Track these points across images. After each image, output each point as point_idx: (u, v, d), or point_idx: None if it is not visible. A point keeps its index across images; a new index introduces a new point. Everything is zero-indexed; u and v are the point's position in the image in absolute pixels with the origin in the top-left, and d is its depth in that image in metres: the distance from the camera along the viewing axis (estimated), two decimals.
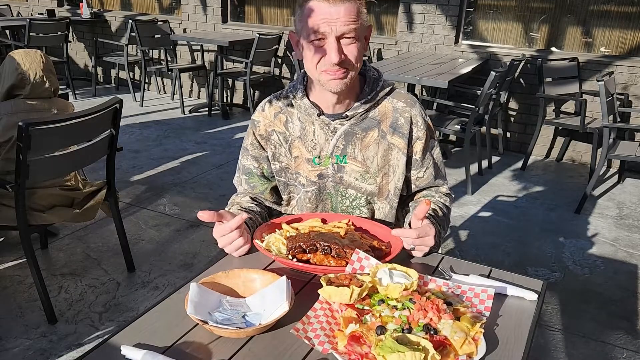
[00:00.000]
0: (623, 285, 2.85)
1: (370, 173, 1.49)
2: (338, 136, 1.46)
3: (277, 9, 6.12)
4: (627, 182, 4.39)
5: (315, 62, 1.33)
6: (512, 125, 5.07)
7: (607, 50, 4.71)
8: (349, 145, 1.46)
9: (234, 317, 1.06)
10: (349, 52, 1.31)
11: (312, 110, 1.45)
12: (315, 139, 1.47)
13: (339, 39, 1.29)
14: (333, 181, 1.51)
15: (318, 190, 1.52)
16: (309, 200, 1.54)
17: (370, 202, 1.54)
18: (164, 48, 6.21)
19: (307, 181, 1.51)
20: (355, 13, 1.29)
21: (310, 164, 1.49)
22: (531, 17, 4.88)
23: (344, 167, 1.48)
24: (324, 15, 1.27)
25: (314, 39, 1.30)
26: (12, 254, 2.87)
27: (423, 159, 1.52)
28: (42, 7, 7.30)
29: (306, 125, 1.48)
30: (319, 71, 1.34)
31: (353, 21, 1.29)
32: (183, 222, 3.36)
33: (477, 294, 1.13)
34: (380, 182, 1.50)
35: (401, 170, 1.50)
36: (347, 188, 1.51)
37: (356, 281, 1.10)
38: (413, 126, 1.48)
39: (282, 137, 1.51)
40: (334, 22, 1.27)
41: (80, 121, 2.21)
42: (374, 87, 1.46)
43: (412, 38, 5.23)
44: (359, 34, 1.31)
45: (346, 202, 1.53)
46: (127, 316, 2.42)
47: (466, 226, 3.47)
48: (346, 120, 1.45)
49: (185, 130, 5.34)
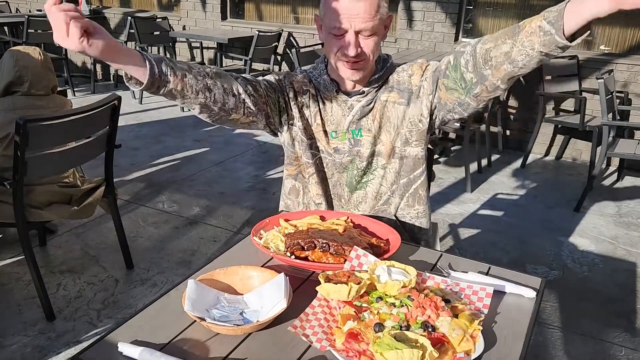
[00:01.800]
0: (622, 283, 2.85)
1: (377, 134, 1.53)
2: (354, 112, 1.52)
3: (276, 6, 6.10)
4: (626, 180, 4.39)
5: (334, 51, 1.40)
6: (511, 123, 5.07)
7: (607, 48, 4.70)
8: (363, 119, 1.52)
9: (232, 314, 1.06)
10: (366, 45, 1.39)
11: (331, 87, 1.52)
12: (333, 114, 1.53)
13: (357, 33, 1.36)
14: (349, 155, 1.55)
15: (334, 162, 1.57)
16: (326, 166, 1.58)
17: (383, 167, 1.55)
18: (163, 45, 6.21)
19: (325, 151, 1.57)
20: (375, 9, 1.36)
21: (327, 136, 1.56)
22: (531, 15, 4.86)
23: (360, 140, 1.53)
24: (344, 11, 1.34)
25: (334, 32, 1.37)
26: (11, 251, 2.87)
27: (426, 83, 1.48)
28: (40, 3, 7.28)
29: (326, 101, 1.54)
30: (338, 60, 1.42)
31: (372, 18, 1.35)
32: (182, 219, 3.36)
33: (476, 292, 1.12)
34: (385, 140, 1.53)
35: (408, 122, 1.50)
36: (364, 161, 1.55)
37: (354, 278, 1.10)
38: (401, 72, 1.52)
39: (312, 100, 1.54)
40: (353, 18, 1.34)
41: (79, 118, 2.21)
42: (384, 65, 1.53)
43: (411, 35, 5.22)
44: (377, 29, 1.38)
45: (361, 173, 1.57)
46: (125, 313, 2.41)
47: (465, 224, 3.47)
48: (362, 97, 1.51)
49: (184, 127, 5.33)
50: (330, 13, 1.36)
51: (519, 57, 1.24)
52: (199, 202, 3.61)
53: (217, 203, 3.60)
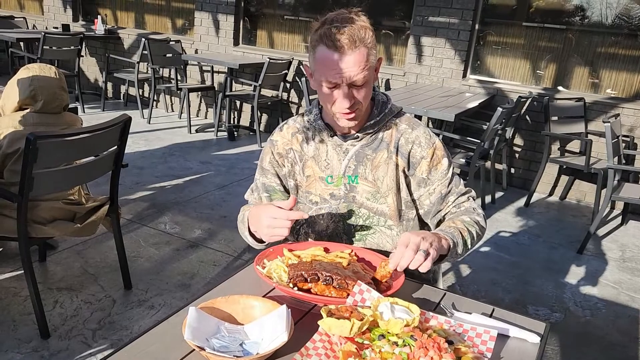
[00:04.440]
0: (624, 330, 2.81)
1: (381, 193, 1.50)
2: (350, 156, 1.50)
3: (288, 35, 6.20)
4: (630, 225, 4.37)
5: (330, 104, 1.40)
6: (516, 162, 5.08)
7: (614, 92, 4.74)
8: (360, 166, 1.50)
9: (232, 344, 1.04)
10: (360, 95, 1.38)
11: (326, 132, 1.51)
12: (328, 159, 1.52)
13: (349, 85, 1.35)
14: (345, 201, 1.53)
15: (330, 208, 1.54)
16: (321, 217, 1.55)
17: (390, 227, 1.53)
18: (174, 67, 6.29)
19: (320, 199, 1.54)
20: (365, 59, 1.33)
21: (323, 182, 1.54)
22: (539, 55, 4.94)
23: (356, 187, 1.51)
24: (334, 66, 1.32)
25: (325, 86, 1.36)
26: (10, 265, 2.85)
27: (429, 173, 1.50)
28: (57, 21, 7.42)
29: (320, 146, 1.53)
30: (331, 110, 1.41)
31: (362, 70, 1.33)
32: (183, 241, 3.35)
33: (479, 334, 1.11)
34: (391, 202, 1.51)
35: (405, 191, 1.51)
36: (360, 207, 1.53)
37: (357, 314, 1.09)
38: (416, 146, 1.50)
39: (298, 155, 1.55)
40: (344, 73, 1.33)
41: (88, 136, 2.22)
42: (382, 109, 1.51)
43: (420, 70, 5.28)
44: (369, 78, 1.37)
45: (359, 220, 1.54)
46: (120, 335, 2.38)
47: (467, 260, 3.44)
48: (357, 141, 1.50)
49: (190, 149, 5.36)
50: (321, 68, 1.35)
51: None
52: (201, 224, 3.61)
53: (219, 227, 3.59)
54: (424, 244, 1.21)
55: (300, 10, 6.13)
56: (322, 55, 1.34)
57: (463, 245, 1.38)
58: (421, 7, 5.12)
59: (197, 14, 6.42)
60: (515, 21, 5.02)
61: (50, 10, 7.61)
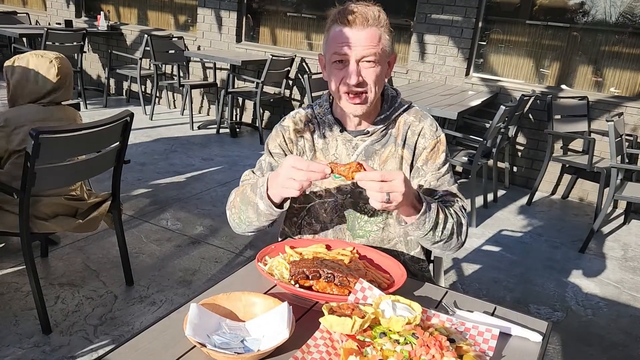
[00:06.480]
0: (626, 329, 2.80)
1: None
2: (359, 152, 1.50)
3: (290, 32, 6.19)
4: (633, 224, 4.35)
5: (337, 83, 1.40)
6: (519, 160, 5.07)
7: (617, 90, 4.73)
8: (368, 161, 1.50)
9: (233, 341, 1.04)
10: (368, 74, 1.37)
11: (335, 126, 1.50)
12: (337, 153, 1.51)
13: (358, 61, 1.36)
14: (352, 197, 1.52)
15: (335, 203, 1.53)
16: (325, 211, 1.54)
17: (394, 224, 1.52)
18: (177, 64, 6.29)
19: (325, 192, 1.53)
20: (377, 38, 1.36)
21: (330, 176, 1.50)
22: (542, 54, 4.92)
23: None
24: (345, 40, 1.35)
25: (336, 59, 1.37)
26: (12, 260, 2.86)
27: (425, 164, 1.50)
28: (60, 17, 7.42)
29: (329, 140, 1.52)
30: (340, 93, 1.41)
31: (373, 46, 1.35)
32: (184, 238, 3.35)
33: (481, 333, 1.11)
34: None
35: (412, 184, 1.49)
36: (367, 203, 1.50)
37: (358, 311, 1.09)
38: (420, 137, 1.50)
39: (309, 145, 1.54)
40: (354, 46, 1.34)
41: (91, 132, 2.22)
42: (391, 104, 1.52)
43: (423, 67, 5.27)
44: (379, 59, 1.37)
45: (364, 216, 1.53)
46: (122, 330, 2.39)
47: (469, 259, 3.44)
48: (367, 137, 1.49)
49: (192, 145, 5.36)
50: (332, 42, 1.37)
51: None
52: (202, 221, 3.61)
53: (221, 223, 3.59)
54: (397, 197, 1.20)
55: (303, 7, 6.11)
56: (335, 32, 1.37)
57: (434, 223, 1.33)
58: (424, 5, 5.11)
59: (199, 10, 6.41)
60: (518, 19, 5.00)
61: (53, 6, 7.61)
